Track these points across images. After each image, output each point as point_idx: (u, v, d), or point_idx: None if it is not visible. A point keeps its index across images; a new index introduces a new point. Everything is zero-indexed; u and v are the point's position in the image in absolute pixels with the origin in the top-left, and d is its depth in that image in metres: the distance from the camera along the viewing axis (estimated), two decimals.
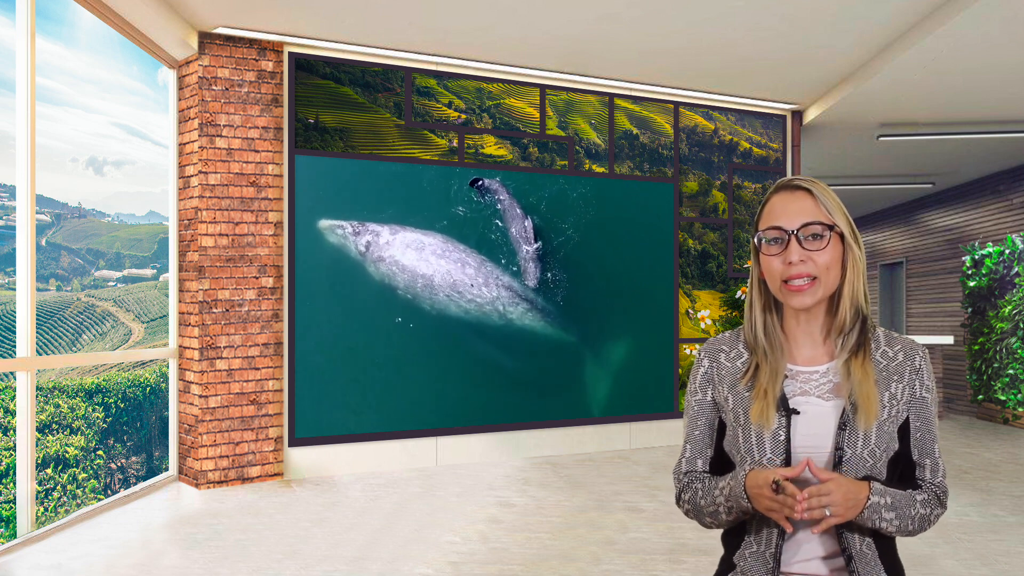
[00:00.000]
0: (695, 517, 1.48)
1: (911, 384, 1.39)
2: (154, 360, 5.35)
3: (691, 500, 1.48)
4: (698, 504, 1.45)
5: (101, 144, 5.21)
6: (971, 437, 6.87)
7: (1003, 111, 6.67)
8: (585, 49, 5.41)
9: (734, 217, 6.59)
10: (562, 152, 5.95)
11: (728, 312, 6.52)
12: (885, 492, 1.32)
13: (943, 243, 10.25)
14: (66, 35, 4.64)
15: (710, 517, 1.44)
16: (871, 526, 1.32)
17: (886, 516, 1.32)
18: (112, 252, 5.58)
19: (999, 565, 3.41)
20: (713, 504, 1.41)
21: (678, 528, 3.91)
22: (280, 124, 5.07)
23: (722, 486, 1.40)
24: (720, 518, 1.42)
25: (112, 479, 4.92)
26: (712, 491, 1.42)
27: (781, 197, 1.40)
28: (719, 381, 1.46)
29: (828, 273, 1.36)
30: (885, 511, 1.32)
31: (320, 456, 5.15)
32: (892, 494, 1.33)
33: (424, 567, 3.37)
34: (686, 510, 1.51)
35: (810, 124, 6.80)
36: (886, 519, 1.32)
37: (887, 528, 1.33)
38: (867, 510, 1.30)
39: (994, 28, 4.81)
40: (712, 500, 1.42)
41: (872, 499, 1.30)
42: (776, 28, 5.04)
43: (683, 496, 1.50)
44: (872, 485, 1.31)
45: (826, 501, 1.26)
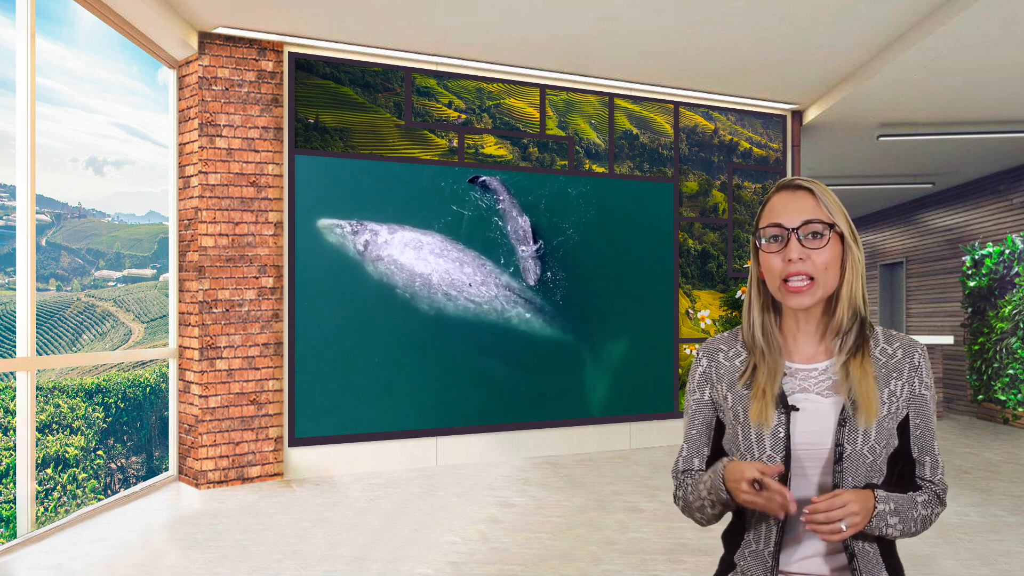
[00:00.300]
0: (688, 514, 1.50)
1: (910, 381, 1.39)
2: (154, 360, 5.35)
3: (683, 497, 1.50)
4: (687, 499, 1.47)
5: (101, 144, 5.21)
6: (971, 437, 6.87)
7: (1003, 111, 6.67)
8: (585, 49, 5.41)
9: (734, 217, 6.59)
10: (562, 152, 5.95)
11: (728, 312, 6.52)
12: (889, 499, 1.32)
13: (943, 243, 10.25)
14: (66, 35, 4.65)
15: (699, 512, 1.46)
16: (877, 533, 1.32)
17: (891, 522, 1.32)
18: (112, 252, 5.58)
19: (999, 565, 3.41)
20: (699, 499, 1.43)
21: (678, 528, 3.91)
22: (280, 124, 5.07)
23: (704, 479, 1.42)
24: (706, 512, 1.43)
25: (112, 479, 4.92)
26: (697, 485, 1.44)
27: (782, 196, 1.40)
28: (717, 380, 1.47)
29: (827, 273, 1.36)
30: (890, 517, 1.32)
31: (320, 456, 5.14)
32: (895, 499, 1.33)
33: (424, 567, 3.37)
34: (681, 507, 1.52)
35: (810, 124, 6.80)
36: (891, 524, 1.32)
37: (892, 534, 1.33)
38: (875, 518, 1.30)
39: (994, 28, 4.81)
40: (698, 495, 1.43)
41: (878, 507, 1.30)
42: (776, 28, 5.04)
43: (677, 494, 1.52)
44: (876, 493, 1.31)
45: (844, 512, 1.25)
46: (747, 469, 1.29)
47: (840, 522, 1.25)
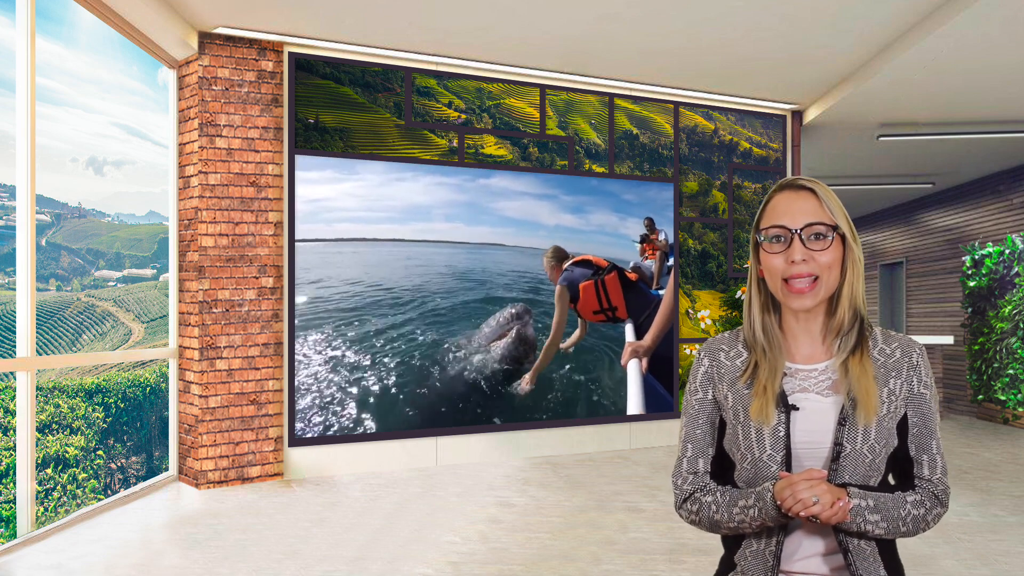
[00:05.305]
0: (708, 529, 1.45)
1: (908, 380, 1.39)
2: (154, 360, 5.35)
3: (700, 513, 1.44)
4: (714, 520, 1.42)
5: (101, 144, 5.21)
6: (971, 437, 6.87)
7: (1003, 111, 6.67)
8: (585, 49, 5.41)
9: (734, 217, 6.59)
10: (562, 152, 5.95)
11: (728, 312, 6.52)
12: (866, 495, 1.32)
13: (943, 243, 10.25)
14: (66, 35, 4.65)
15: (729, 531, 1.42)
16: (857, 529, 1.32)
17: (871, 518, 1.32)
18: (112, 252, 5.58)
19: (999, 565, 3.41)
20: (738, 524, 1.38)
21: (678, 528, 3.91)
22: (280, 124, 5.07)
23: (744, 505, 1.37)
24: (745, 532, 1.40)
25: (112, 479, 4.92)
26: (731, 509, 1.39)
27: (785, 196, 1.40)
28: (719, 379, 1.46)
29: (829, 273, 1.37)
30: (869, 513, 1.31)
31: (320, 456, 5.14)
32: (875, 497, 1.33)
33: (424, 567, 3.37)
34: (692, 520, 1.47)
35: (810, 124, 6.80)
36: (871, 521, 1.32)
37: (874, 531, 1.33)
38: (852, 513, 1.30)
39: (994, 28, 4.81)
40: (731, 517, 1.39)
41: (852, 502, 1.30)
42: (776, 28, 5.04)
43: (690, 507, 1.47)
44: (848, 489, 1.31)
45: (817, 488, 1.27)
46: (795, 479, 1.29)
47: (810, 497, 1.26)
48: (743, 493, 1.38)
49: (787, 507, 1.28)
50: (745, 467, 1.40)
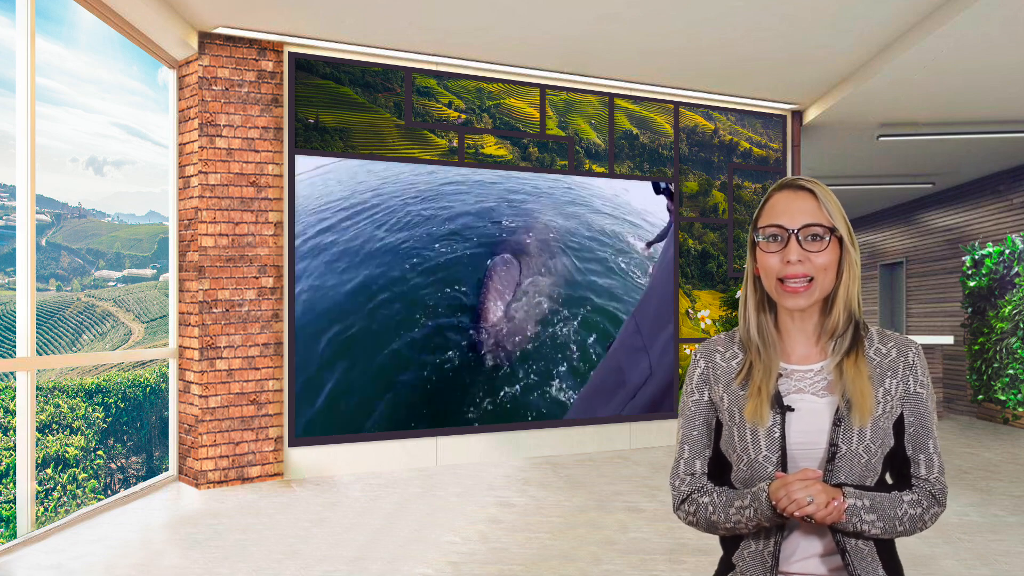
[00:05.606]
0: (706, 530, 1.46)
1: (905, 380, 1.39)
2: (154, 360, 5.35)
3: (698, 514, 1.45)
4: (710, 520, 1.42)
5: (101, 144, 5.21)
6: (971, 437, 6.87)
7: (1003, 111, 6.67)
8: (585, 49, 5.41)
9: (734, 217, 6.59)
10: (562, 152, 5.95)
11: (728, 312, 6.52)
12: (862, 495, 1.32)
13: (943, 243, 10.25)
14: (66, 35, 4.65)
15: (726, 532, 1.42)
16: (853, 529, 1.32)
17: (867, 518, 1.31)
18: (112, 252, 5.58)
19: (999, 565, 3.41)
20: (734, 525, 1.39)
21: (678, 528, 3.91)
22: (280, 124, 5.07)
23: (740, 506, 1.37)
24: (742, 532, 1.40)
25: (112, 479, 4.93)
26: (728, 510, 1.39)
27: (784, 195, 1.40)
28: (715, 381, 1.46)
29: (824, 275, 1.36)
30: (865, 513, 1.31)
31: (320, 456, 5.15)
32: (871, 496, 1.32)
33: (424, 567, 3.37)
34: (690, 521, 1.47)
35: (810, 124, 6.80)
36: (867, 521, 1.31)
37: (870, 531, 1.32)
38: (848, 512, 1.29)
39: (994, 28, 4.81)
40: (728, 518, 1.39)
41: (848, 501, 1.29)
42: (776, 28, 5.04)
43: (688, 508, 1.47)
44: (844, 489, 1.31)
45: (812, 488, 1.26)
46: (778, 483, 1.29)
47: (805, 497, 1.25)
48: (739, 494, 1.38)
49: (782, 507, 1.27)
50: (741, 468, 1.40)
